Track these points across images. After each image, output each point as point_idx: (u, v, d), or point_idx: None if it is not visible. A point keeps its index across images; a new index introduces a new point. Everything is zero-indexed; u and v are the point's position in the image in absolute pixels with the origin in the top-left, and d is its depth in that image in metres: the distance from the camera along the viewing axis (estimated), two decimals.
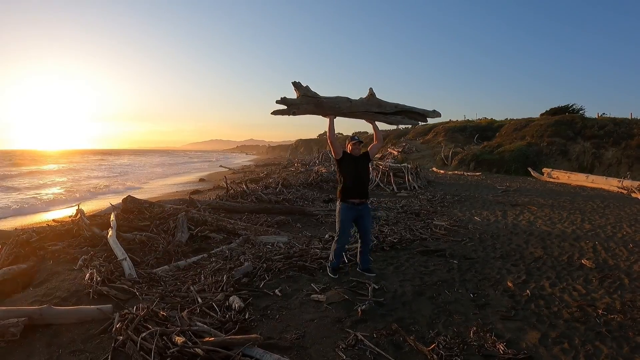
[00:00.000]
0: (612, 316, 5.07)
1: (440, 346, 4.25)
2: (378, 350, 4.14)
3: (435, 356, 4.03)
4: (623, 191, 16.37)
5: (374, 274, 6.34)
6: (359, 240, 6.52)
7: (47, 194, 22.17)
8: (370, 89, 6.45)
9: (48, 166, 52.25)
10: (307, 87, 5.95)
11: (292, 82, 5.96)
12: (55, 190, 24.51)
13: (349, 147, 6.38)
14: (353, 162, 6.30)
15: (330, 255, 6.46)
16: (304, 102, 5.90)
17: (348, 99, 6.25)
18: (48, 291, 5.50)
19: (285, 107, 5.83)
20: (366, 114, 6.44)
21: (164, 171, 45.02)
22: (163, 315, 4.49)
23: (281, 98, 5.76)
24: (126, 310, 4.55)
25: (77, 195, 20.91)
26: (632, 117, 28.65)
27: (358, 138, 6.44)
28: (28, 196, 20.98)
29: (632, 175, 19.93)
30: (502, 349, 4.20)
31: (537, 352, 4.20)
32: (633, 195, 15.26)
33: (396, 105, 6.60)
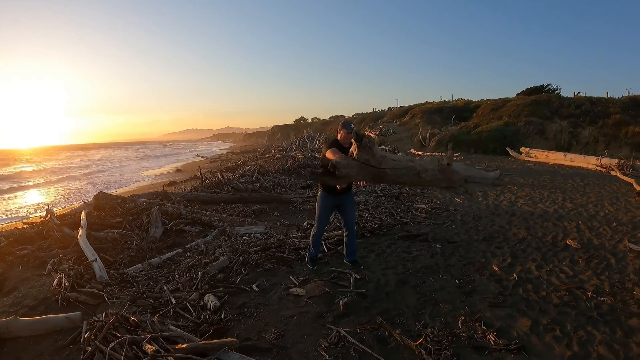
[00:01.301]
0: (602, 299, 4.94)
1: (428, 339, 4.05)
2: (363, 347, 3.93)
3: (423, 351, 3.82)
4: (602, 169, 16.42)
5: (362, 266, 6.08)
6: (343, 230, 6.20)
7: (17, 196, 21.49)
8: (450, 155, 4.98)
9: (19, 166, 50.40)
10: (371, 141, 4.48)
11: (352, 131, 4.73)
12: (28, 191, 23.79)
13: (340, 134, 5.60)
14: (341, 152, 5.70)
15: (309, 246, 6.18)
16: (361, 171, 4.44)
17: (418, 172, 4.62)
18: (16, 300, 5.19)
19: (328, 175, 4.72)
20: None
21: (140, 164, 44.34)
22: (133, 320, 4.18)
23: (331, 164, 4.35)
24: (95, 318, 4.24)
25: (50, 196, 20.28)
26: (609, 96, 28.85)
27: (354, 128, 5.35)
28: None
29: (609, 153, 20.04)
30: (493, 339, 4.02)
31: (529, 341, 4.04)
32: (612, 173, 15.28)
33: (466, 179, 5.04)
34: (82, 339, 3.98)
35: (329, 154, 5.23)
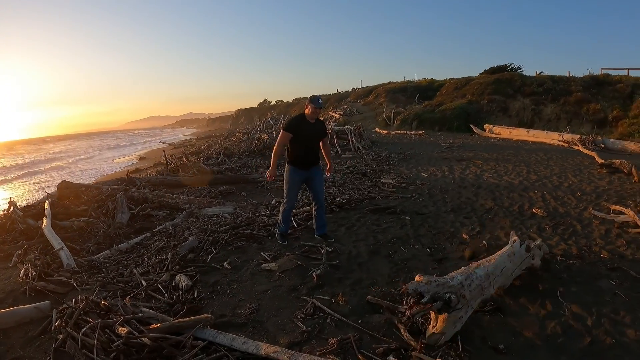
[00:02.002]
0: (571, 261, 5.08)
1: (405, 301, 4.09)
2: (339, 316, 3.92)
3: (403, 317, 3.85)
4: (564, 144, 16.74)
5: (332, 240, 6.06)
6: (312, 204, 6.22)
7: None
8: None
9: None
10: None
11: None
12: None
13: (308, 109, 5.73)
14: (307, 129, 5.78)
15: (279, 221, 6.14)
16: None
17: None
18: None
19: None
20: None
21: (102, 153, 43.33)
22: (105, 305, 4.07)
23: None
24: (64, 305, 4.12)
25: (17, 192, 19.62)
26: (570, 74, 29.38)
27: (322, 103, 5.81)
28: None
29: (571, 129, 20.45)
30: None
31: (503, 302, 4.12)
32: (574, 147, 15.62)
33: None
34: (52, 328, 3.86)
35: (280, 135, 5.84)
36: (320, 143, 6.04)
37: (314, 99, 5.71)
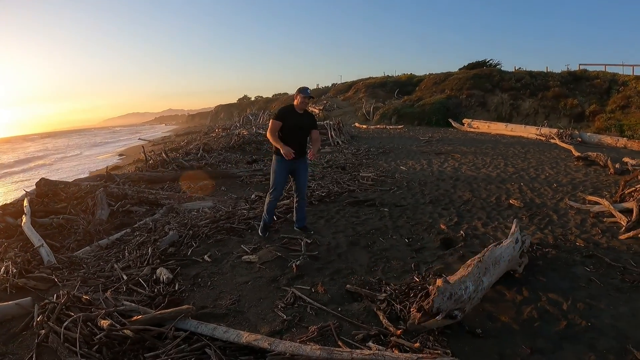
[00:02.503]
0: (547, 250, 5.23)
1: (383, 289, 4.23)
2: (319, 305, 4.00)
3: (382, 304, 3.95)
4: (541, 138, 17.01)
5: (312, 232, 6.11)
6: (294, 196, 6.23)
7: None
8: None
9: None
10: None
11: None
12: None
13: (297, 99, 5.80)
14: (295, 119, 5.82)
15: (264, 213, 6.14)
16: None
17: None
18: None
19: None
20: None
21: (81, 152, 42.76)
22: (86, 299, 4.07)
23: None
24: (46, 300, 4.10)
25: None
26: (548, 70, 29.77)
27: (310, 92, 5.87)
28: None
29: (549, 123, 20.79)
30: None
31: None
32: (552, 141, 15.89)
33: None
34: (34, 323, 3.86)
35: (270, 124, 5.81)
36: (311, 135, 6.03)
37: (303, 89, 5.77)
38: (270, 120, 5.88)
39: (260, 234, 6.07)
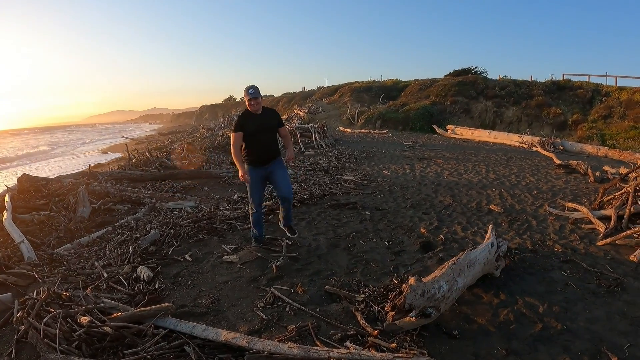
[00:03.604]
0: (525, 254, 5.33)
1: (362, 291, 4.31)
2: (297, 305, 4.05)
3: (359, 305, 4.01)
4: (524, 145, 17.21)
5: (295, 234, 5.94)
6: (279, 199, 5.89)
7: None
8: None
9: None
10: None
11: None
12: None
13: (246, 101, 5.30)
14: (254, 122, 5.34)
15: (251, 226, 5.79)
16: None
17: None
18: None
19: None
20: None
21: (63, 149, 42.21)
22: (66, 296, 4.10)
23: None
24: (26, 297, 4.11)
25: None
26: (532, 79, 30.10)
27: (255, 91, 5.28)
28: None
29: (531, 132, 21.07)
30: None
31: (461, 296, 4.26)
32: (534, 148, 16.09)
33: None
34: (14, 319, 3.85)
35: (232, 139, 5.46)
36: (280, 133, 5.70)
37: (246, 89, 5.27)
38: (234, 133, 5.41)
39: (253, 244, 5.70)
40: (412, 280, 3.60)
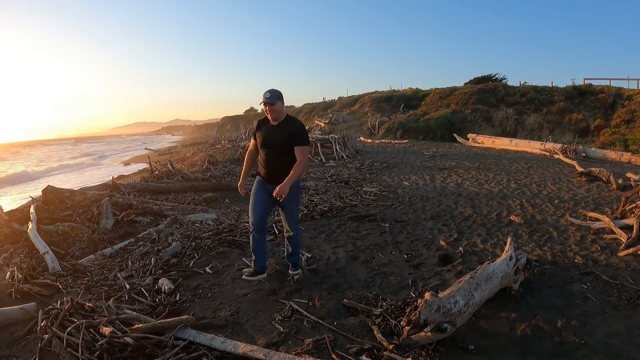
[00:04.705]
0: (545, 267, 5.27)
1: (379, 304, 4.30)
2: (315, 318, 4.08)
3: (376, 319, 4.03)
4: (546, 153, 17.04)
5: (298, 272, 5.07)
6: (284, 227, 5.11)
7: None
8: None
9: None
10: None
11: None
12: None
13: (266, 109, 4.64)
14: (266, 132, 4.73)
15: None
16: None
17: None
18: None
19: None
20: None
21: (87, 160, 42.89)
22: (89, 306, 4.19)
23: None
24: (50, 306, 4.22)
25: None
26: (553, 85, 29.83)
27: (271, 96, 4.53)
28: None
29: (553, 139, 20.84)
30: None
31: (478, 310, 4.24)
32: (556, 156, 15.93)
33: None
34: (38, 328, 3.96)
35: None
36: (296, 154, 4.65)
37: (264, 94, 4.56)
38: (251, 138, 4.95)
39: (244, 277, 5.00)
40: (427, 295, 3.59)
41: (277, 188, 4.53)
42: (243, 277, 4.98)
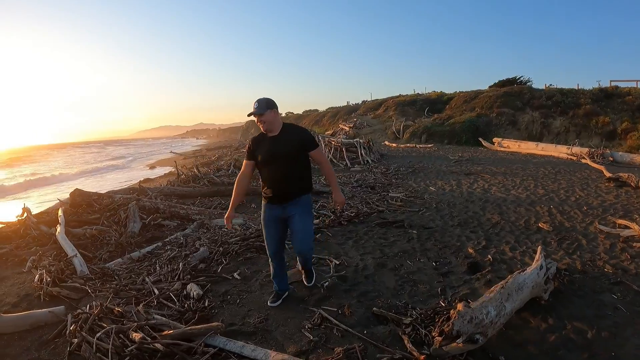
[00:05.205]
0: (574, 276, 5.15)
1: (409, 313, 4.24)
2: (345, 327, 4.04)
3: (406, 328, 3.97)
4: (572, 157, 16.82)
5: (312, 282, 4.96)
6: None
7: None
8: None
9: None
10: None
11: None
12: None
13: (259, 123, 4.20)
14: (266, 146, 4.21)
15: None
16: None
17: None
18: None
19: None
20: None
21: (114, 162, 43.53)
22: (118, 311, 4.23)
23: None
24: (79, 310, 4.28)
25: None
26: (579, 87, 29.41)
27: (259, 106, 4.09)
28: None
29: (580, 142, 20.53)
30: None
31: (509, 319, 4.17)
32: (583, 161, 15.71)
33: None
34: (67, 332, 4.00)
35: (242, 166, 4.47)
36: (313, 159, 4.40)
37: (253, 105, 4.13)
38: (244, 159, 4.43)
39: (269, 303, 4.61)
40: (459, 306, 3.54)
41: (336, 201, 4.51)
42: (269, 304, 4.60)
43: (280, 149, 4.13)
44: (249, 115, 4.10)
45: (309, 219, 4.41)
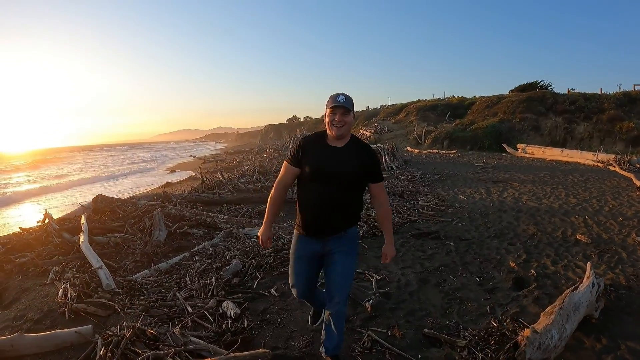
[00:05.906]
0: (620, 292, 4.93)
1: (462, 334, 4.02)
2: (398, 350, 3.79)
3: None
4: (599, 164, 16.48)
5: None
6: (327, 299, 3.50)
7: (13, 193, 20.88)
8: None
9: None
10: None
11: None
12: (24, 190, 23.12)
13: (327, 119, 3.11)
14: (324, 156, 3.17)
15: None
16: None
17: None
18: (19, 313, 4.77)
19: None
20: None
21: (134, 166, 43.63)
22: (151, 333, 3.89)
23: None
24: (109, 332, 3.92)
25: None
26: (602, 92, 28.96)
27: (347, 100, 3.07)
28: None
29: (605, 148, 20.17)
30: None
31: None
32: (610, 168, 15.35)
33: None
34: (97, 357, 3.64)
35: (281, 171, 3.45)
36: (370, 193, 3.35)
37: (333, 96, 3.11)
38: (285, 161, 3.39)
39: (310, 324, 4.20)
40: (527, 332, 3.33)
41: (387, 254, 3.44)
42: (309, 324, 4.19)
43: (343, 166, 3.12)
44: (332, 106, 3.07)
45: (352, 260, 3.40)
